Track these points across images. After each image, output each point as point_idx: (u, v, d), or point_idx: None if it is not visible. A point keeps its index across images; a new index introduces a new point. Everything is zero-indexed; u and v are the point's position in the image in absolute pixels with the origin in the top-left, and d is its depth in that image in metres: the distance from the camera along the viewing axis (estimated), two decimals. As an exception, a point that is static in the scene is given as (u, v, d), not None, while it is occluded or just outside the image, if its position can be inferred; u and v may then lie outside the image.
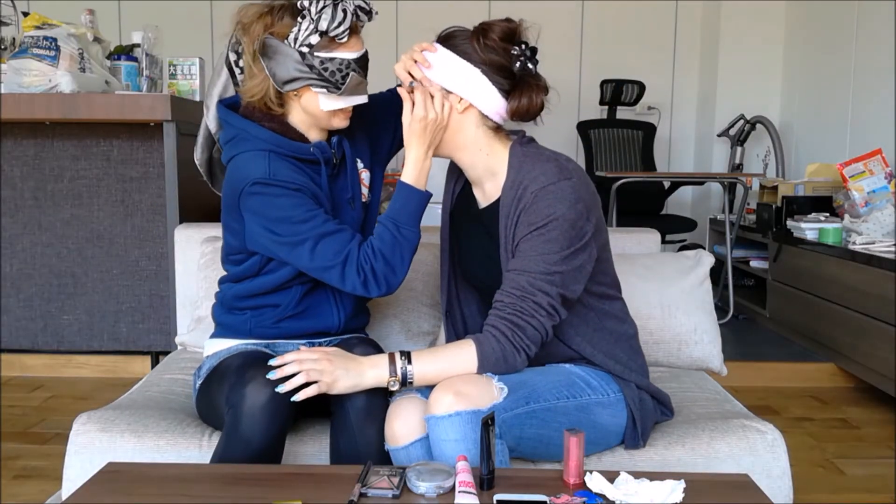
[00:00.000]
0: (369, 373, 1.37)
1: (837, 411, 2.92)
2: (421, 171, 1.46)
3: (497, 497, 1.13)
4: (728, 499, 1.17)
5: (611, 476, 1.19)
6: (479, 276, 1.56)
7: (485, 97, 1.42)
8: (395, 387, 1.36)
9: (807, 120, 4.70)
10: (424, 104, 1.41)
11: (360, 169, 1.61)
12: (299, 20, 1.40)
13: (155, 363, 2.96)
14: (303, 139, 1.51)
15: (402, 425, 1.38)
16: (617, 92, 4.73)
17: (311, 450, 1.53)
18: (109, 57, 2.83)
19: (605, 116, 4.89)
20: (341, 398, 1.42)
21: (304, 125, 1.52)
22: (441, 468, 1.19)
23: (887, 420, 2.82)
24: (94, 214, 2.89)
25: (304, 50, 1.40)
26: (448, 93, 1.43)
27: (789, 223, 3.68)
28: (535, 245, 1.36)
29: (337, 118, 1.50)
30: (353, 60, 1.43)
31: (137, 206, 2.87)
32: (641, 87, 4.73)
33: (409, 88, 1.43)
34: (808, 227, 3.50)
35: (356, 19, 1.42)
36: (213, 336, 1.64)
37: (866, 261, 2.99)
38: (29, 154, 2.87)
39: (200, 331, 1.95)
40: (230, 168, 1.50)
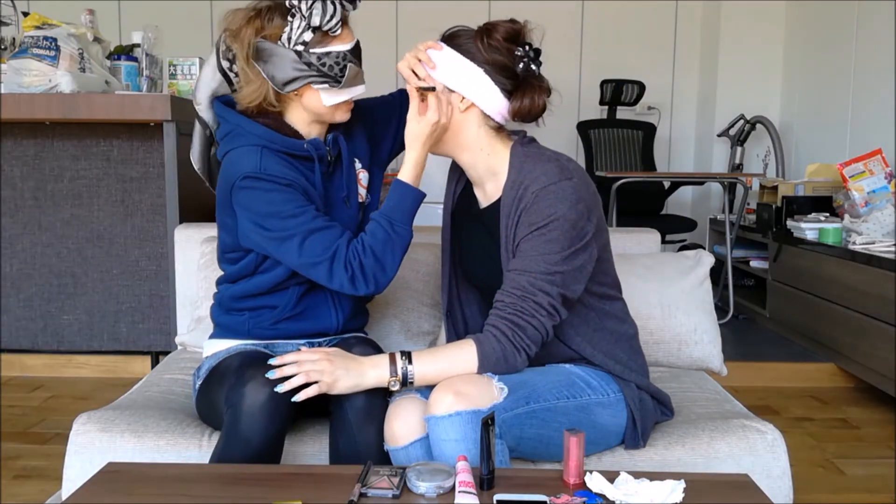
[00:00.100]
0: (370, 373, 1.37)
1: (837, 411, 2.92)
2: (420, 171, 1.47)
3: (497, 497, 1.13)
4: (728, 499, 1.17)
5: (611, 476, 1.19)
6: (480, 276, 1.56)
7: (487, 97, 1.42)
8: (395, 387, 1.36)
9: (807, 120, 4.70)
10: (438, 109, 1.41)
11: (359, 169, 1.61)
12: (289, 19, 1.40)
13: (155, 363, 2.96)
14: (297, 135, 1.51)
15: (402, 425, 1.38)
16: (617, 92, 4.73)
17: (311, 450, 1.53)
18: (109, 57, 2.83)
19: (605, 116, 4.90)
20: (340, 398, 1.42)
21: (302, 122, 1.51)
22: (441, 468, 1.19)
23: (887, 420, 2.82)
24: (94, 214, 2.89)
25: (300, 48, 1.40)
26: (450, 91, 1.43)
27: (789, 223, 3.68)
28: (536, 245, 1.36)
29: (340, 111, 1.50)
30: (349, 51, 1.44)
31: (137, 206, 2.87)
32: (641, 87, 4.73)
33: (423, 93, 1.43)
34: (808, 227, 3.50)
35: (343, 9, 1.42)
36: (213, 336, 1.64)
37: (866, 261, 2.99)
38: (29, 154, 2.87)
39: (200, 331, 1.95)
40: (224, 163, 1.50)
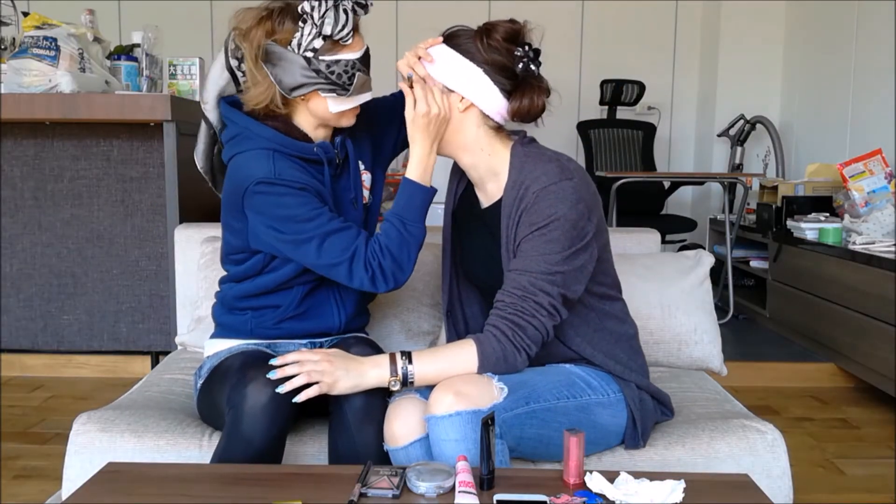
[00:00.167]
0: (370, 373, 1.37)
1: (837, 411, 2.92)
2: (426, 167, 1.46)
3: (497, 497, 1.13)
4: (728, 499, 1.17)
5: (611, 476, 1.19)
6: (481, 276, 1.56)
7: (486, 97, 1.42)
8: (395, 387, 1.36)
9: (807, 120, 4.70)
10: (426, 99, 1.40)
11: (362, 170, 1.60)
12: (301, 25, 1.39)
13: (155, 363, 2.95)
14: (306, 138, 1.51)
15: (402, 425, 1.38)
16: (617, 92, 4.73)
17: (311, 450, 1.53)
18: (109, 57, 2.83)
19: (605, 116, 4.89)
20: (339, 399, 1.41)
21: (309, 125, 1.51)
22: (441, 468, 1.19)
23: (887, 420, 2.82)
24: (94, 214, 2.89)
25: (309, 55, 1.39)
26: (450, 91, 1.43)
27: (789, 223, 3.68)
28: (537, 245, 1.36)
29: (345, 118, 1.50)
30: (358, 60, 1.43)
31: (137, 206, 2.87)
32: (641, 87, 4.73)
33: (409, 83, 1.43)
34: (808, 227, 3.50)
35: (354, 15, 1.41)
36: (214, 336, 1.64)
37: (866, 261, 2.99)
38: (29, 154, 2.87)
39: (200, 331, 1.95)
40: (232, 166, 1.49)
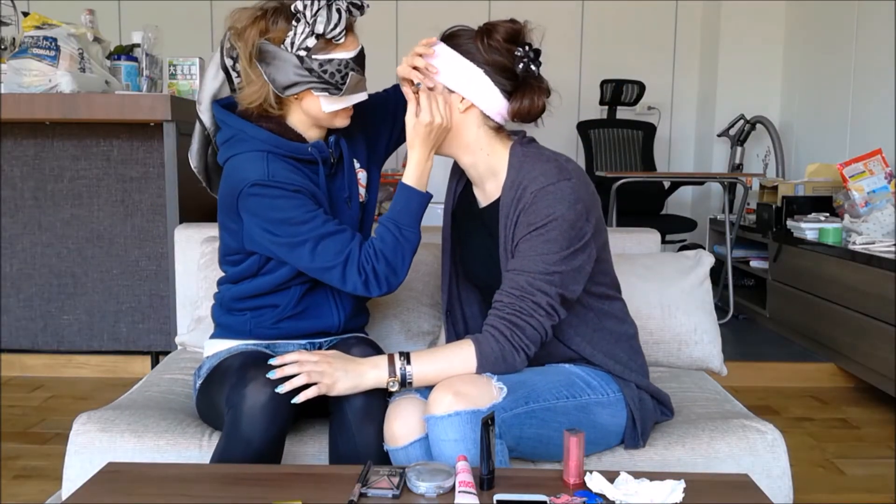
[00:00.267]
0: (369, 374, 1.37)
1: (837, 411, 2.92)
2: (423, 172, 1.46)
3: (497, 497, 1.13)
4: (728, 499, 1.17)
5: (611, 476, 1.19)
6: (481, 275, 1.56)
7: (486, 97, 1.42)
8: (394, 387, 1.36)
9: (807, 120, 4.70)
10: (431, 109, 1.40)
11: (357, 169, 1.61)
12: (294, 24, 1.39)
13: (155, 363, 2.96)
14: (300, 139, 1.51)
15: (402, 425, 1.38)
16: (617, 92, 4.73)
17: (311, 450, 1.53)
18: (109, 57, 2.83)
19: (605, 116, 4.89)
20: (340, 399, 1.41)
21: (303, 125, 1.51)
22: (441, 468, 1.19)
23: (887, 420, 2.82)
24: (94, 214, 2.89)
25: (302, 54, 1.39)
26: (450, 92, 1.43)
27: (789, 223, 3.68)
28: (535, 245, 1.36)
29: (339, 118, 1.49)
30: (352, 59, 1.43)
31: (137, 206, 2.87)
32: (641, 87, 4.73)
33: (415, 89, 1.43)
34: (808, 227, 3.50)
35: (349, 16, 1.41)
36: (213, 336, 1.64)
37: (866, 261, 2.99)
38: (29, 154, 2.87)
39: (200, 331, 1.95)
40: (227, 169, 1.49)
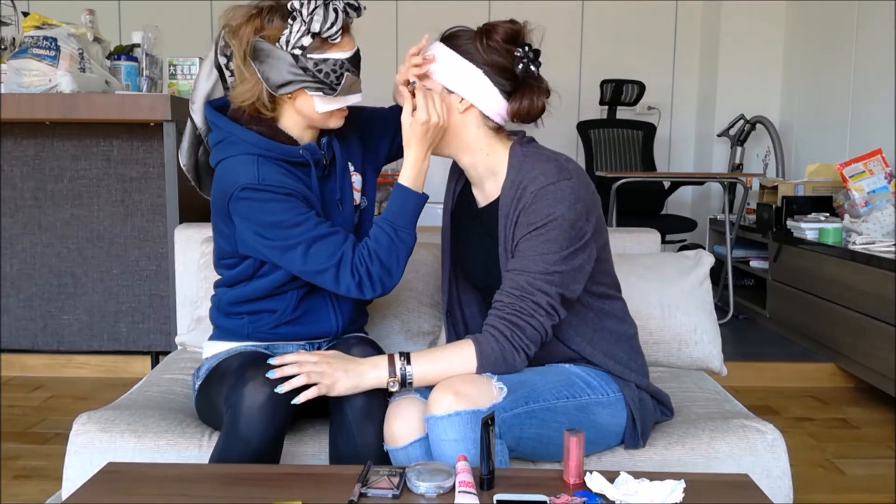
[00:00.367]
0: (369, 374, 1.37)
1: (837, 411, 2.92)
2: (419, 173, 1.46)
3: (497, 497, 1.13)
4: (728, 499, 1.17)
5: (611, 476, 1.19)
6: (480, 275, 1.56)
7: (486, 98, 1.42)
8: (394, 388, 1.36)
9: (807, 120, 4.70)
10: (427, 107, 1.40)
11: (352, 172, 1.59)
12: (290, 22, 1.38)
13: (155, 363, 2.96)
14: (291, 141, 1.49)
15: (402, 425, 1.38)
16: (617, 92, 4.73)
17: (311, 450, 1.53)
18: (109, 57, 2.83)
19: (605, 116, 4.89)
20: (340, 399, 1.41)
21: (296, 127, 1.50)
22: (441, 468, 1.19)
23: (887, 420, 2.82)
24: (94, 214, 2.89)
25: (297, 52, 1.38)
26: (449, 92, 1.43)
27: (789, 223, 3.68)
28: (535, 245, 1.36)
29: (333, 118, 1.48)
30: (347, 60, 1.42)
31: (137, 206, 2.87)
32: (641, 87, 4.73)
33: (412, 88, 1.43)
34: (808, 227, 3.50)
35: (346, 17, 1.40)
36: (212, 338, 1.63)
37: (866, 261, 2.99)
38: (29, 154, 2.87)
39: (200, 331, 1.95)
40: (219, 172, 1.48)
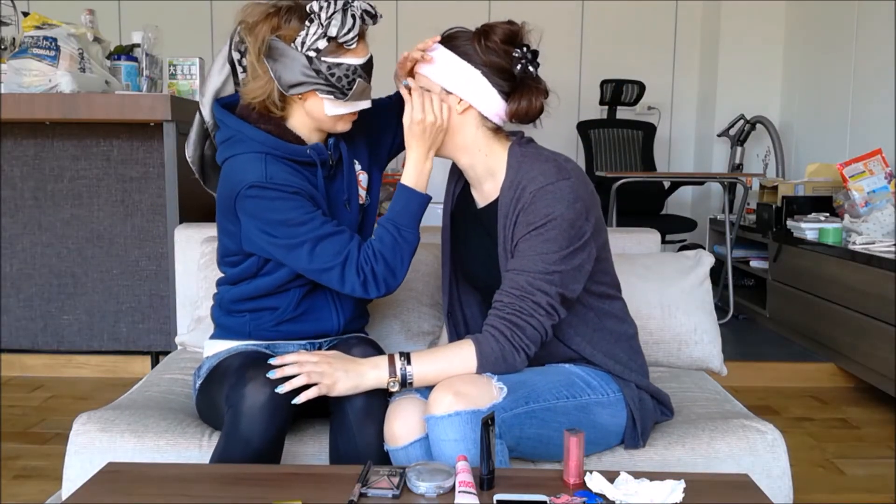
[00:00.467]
0: (369, 374, 1.37)
1: (837, 411, 2.92)
2: (421, 173, 1.46)
3: (497, 497, 1.13)
4: (728, 499, 1.17)
5: (611, 476, 1.19)
6: (480, 276, 1.56)
7: (484, 98, 1.42)
8: (394, 388, 1.36)
9: (807, 120, 4.70)
10: (423, 107, 1.40)
11: (358, 171, 1.60)
12: (307, 24, 1.38)
13: (155, 363, 2.96)
14: (299, 141, 1.50)
15: (402, 425, 1.38)
16: (617, 92, 4.73)
17: (311, 450, 1.53)
18: (109, 57, 2.83)
19: (605, 116, 4.89)
20: (340, 399, 1.41)
21: (304, 128, 1.51)
22: (441, 468, 1.19)
23: (887, 420, 2.82)
24: (94, 214, 2.89)
25: (312, 54, 1.39)
26: (448, 93, 1.43)
27: (789, 223, 3.68)
28: (534, 245, 1.36)
29: (341, 122, 1.49)
30: (360, 66, 1.42)
31: (137, 206, 2.87)
32: (641, 87, 4.73)
33: (408, 89, 1.43)
34: (808, 227, 3.50)
35: (363, 23, 1.41)
36: (213, 337, 1.64)
37: (866, 261, 2.99)
38: (29, 154, 2.87)
39: (200, 331, 1.95)
40: (225, 169, 1.48)
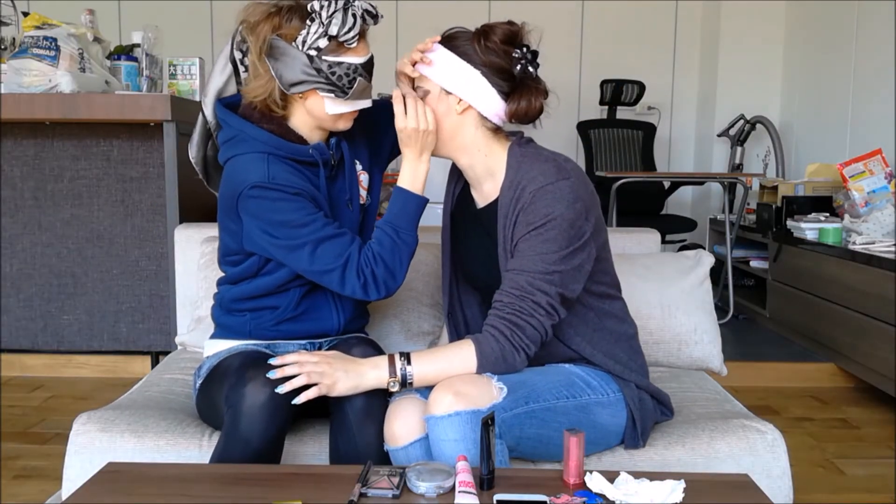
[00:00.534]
0: (369, 374, 1.37)
1: (837, 411, 2.92)
2: (416, 175, 1.47)
3: (497, 497, 1.13)
4: (728, 499, 1.17)
5: (611, 476, 1.19)
6: (480, 276, 1.56)
7: (484, 99, 1.42)
8: (395, 388, 1.36)
9: (807, 120, 4.70)
10: (416, 114, 1.41)
11: (359, 171, 1.60)
12: (308, 23, 1.39)
13: (155, 363, 2.96)
14: (301, 141, 1.51)
15: (402, 425, 1.38)
16: (617, 92, 4.73)
17: (311, 450, 1.53)
18: (109, 57, 2.83)
19: (605, 116, 4.89)
20: (340, 399, 1.41)
21: (305, 127, 1.51)
22: (441, 468, 1.19)
23: (887, 420, 2.82)
24: (94, 214, 2.89)
25: (313, 53, 1.40)
26: (447, 93, 1.43)
27: (789, 223, 3.68)
28: (534, 245, 1.36)
29: (341, 121, 1.49)
30: (361, 65, 1.43)
31: (137, 206, 2.87)
32: (641, 87, 4.73)
33: (401, 95, 1.43)
34: (808, 227, 3.50)
35: (363, 23, 1.42)
36: (213, 337, 1.64)
37: (866, 261, 2.99)
38: (29, 154, 2.87)
39: (200, 331, 1.95)
40: (228, 169, 1.49)
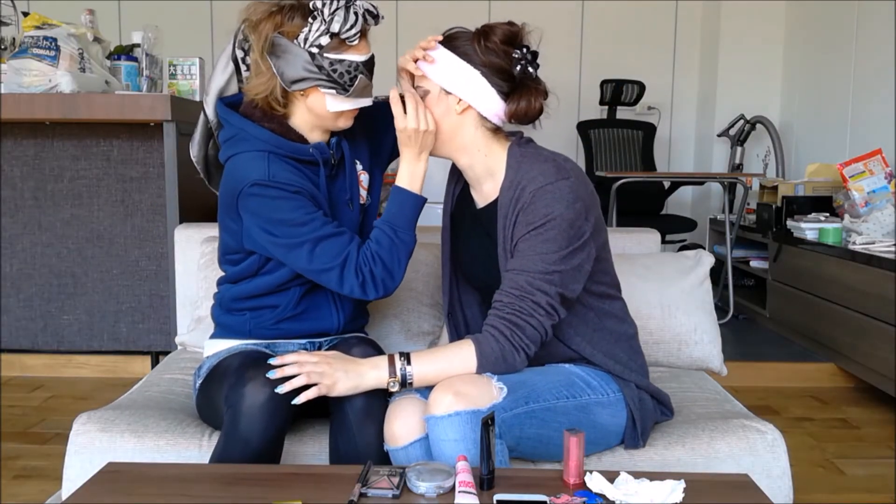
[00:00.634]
0: (369, 374, 1.37)
1: (837, 411, 2.92)
2: (414, 175, 1.47)
3: (497, 497, 1.13)
4: (728, 499, 1.17)
5: (611, 476, 1.19)
6: (480, 276, 1.56)
7: (484, 99, 1.42)
8: (394, 388, 1.36)
9: (807, 120, 4.70)
10: (416, 115, 1.42)
11: (359, 171, 1.61)
12: (310, 21, 1.40)
13: (155, 363, 2.96)
14: (302, 140, 1.51)
15: (402, 425, 1.38)
16: (617, 92, 4.73)
17: (311, 450, 1.53)
18: (109, 57, 2.83)
19: (605, 116, 4.90)
20: (340, 399, 1.41)
21: (306, 126, 1.52)
22: (441, 468, 1.19)
23: (887, 420, 2.82)
24: (94, 214, 2.89)
25: (314, 51, 1.40)
26: (447, 93, 1.43)
27: (789, 223, 3.68)
28: (534, 245, 1.36)
29: (342, 119, 1.50)
30: (362, 63, 1.44)
31: (137, 206, 2.87)
32: (641, 87, 4.73)
33: (401, 94, 1.44)
34: (808, 227, 3.50)
35: (364, 22, 1.43)
36: (213, 336, 1.64)
37: (866, 261, 2.99)
38: (29, 154, 2.87)
39: (200, 331, 1.95)
40: (228, 167, 1.49)
